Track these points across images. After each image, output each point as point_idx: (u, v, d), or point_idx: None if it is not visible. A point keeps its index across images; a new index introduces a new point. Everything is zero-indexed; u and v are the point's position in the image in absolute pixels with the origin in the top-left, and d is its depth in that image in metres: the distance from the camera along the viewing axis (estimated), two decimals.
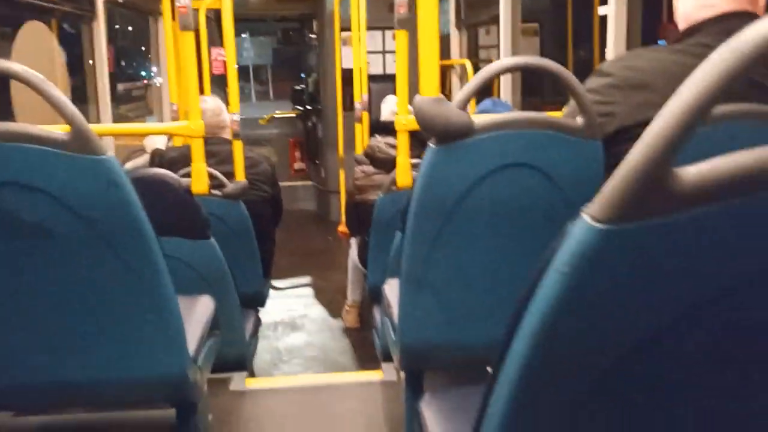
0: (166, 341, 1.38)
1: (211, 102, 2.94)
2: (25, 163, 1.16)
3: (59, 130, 1.20)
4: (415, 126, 2.12)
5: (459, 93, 1.27)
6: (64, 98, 1.17)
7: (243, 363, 2.54)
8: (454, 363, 1.76)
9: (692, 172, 0.51)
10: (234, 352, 2.45)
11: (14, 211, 1.19)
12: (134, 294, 1.30)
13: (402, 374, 2.04)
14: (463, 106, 1.25)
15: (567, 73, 1.29)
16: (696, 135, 0.49)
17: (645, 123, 1.43)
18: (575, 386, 0.64)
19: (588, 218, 0.53)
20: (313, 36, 6.47)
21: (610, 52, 2.33)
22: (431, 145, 1.29)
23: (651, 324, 0.60)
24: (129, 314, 1.32)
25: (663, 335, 0.61)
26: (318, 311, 3.86)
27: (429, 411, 1.14)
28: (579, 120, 1.31)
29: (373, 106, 4.50)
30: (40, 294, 1.28)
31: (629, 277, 0.56)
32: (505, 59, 1.29)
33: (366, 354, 3.12)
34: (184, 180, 2.13)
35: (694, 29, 1.42)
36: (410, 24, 2.07)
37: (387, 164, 3.01)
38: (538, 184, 1.31)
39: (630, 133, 1.40)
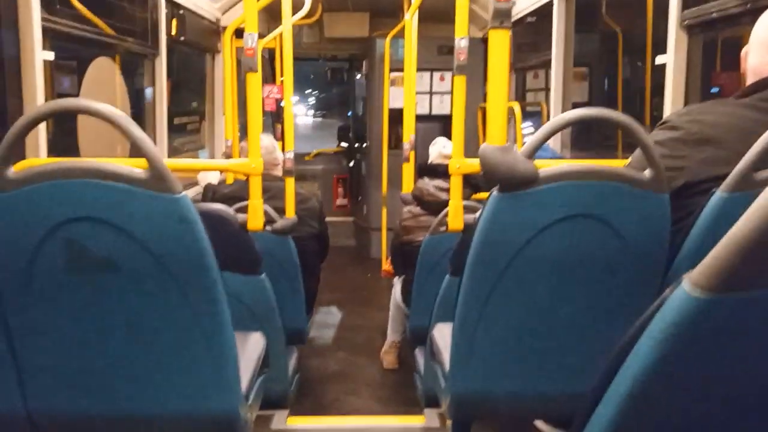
0: (222, 378, 1.39)
1: (266, 140, 3.02)
2: (103, 199, 1.21)
3: (134, 167, 1.24)
4: (468, 170, 2.13)
5: (527, 143, 1.27)
6: (145, 136, 1.21)
7: (284, 400, 2.54)
8: (505, 414, 1.72)
9: None
10: (276, 389, 2.44)
11: (86, 245, 1.23)
12: (195, 330, 1.32)
13: (447, 422, 2.00)
14: (530, 155, 1.25)
15: (636, 126, 1.28)
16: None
17: (714, 179, 1.40)
18: None
19: (689, 286, 0.52)
20: (359, 76, 6.61)
21: (668, 102, 2.31)
22: (495, 192, 1.29)
23: (742, 392, 0.58)
24: (188, 349, 1.34)
25: (750, 402, 0.59)
26: (356, 349, 3.84)
27: None
28: (646, 173, 1.29)
29: (419, 146, 4.54)
30: (101, 325, 1.31)
31: (724, 348, 0.55)
32: (577, 110, 1.28)
33: (406, 397, 3.07)
34: (240, 215, 2.17)
35: (764, 84, 1.40)
36: (468, 70, 2.10)
37: (435, 207, 3.02)
38: (602, 235, 1.30)
39: (698, 188, 1.38)
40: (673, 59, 2.33)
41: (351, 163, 6.75)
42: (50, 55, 2.50)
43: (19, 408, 1.36)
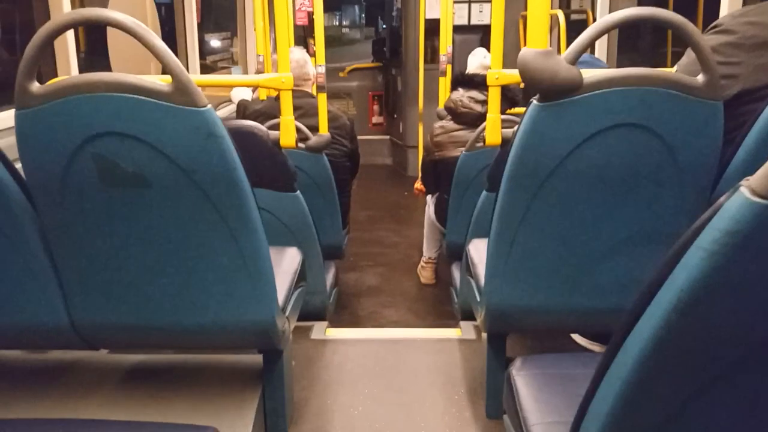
0: (258, 290, 1.41)
1: (297, 53, 2.93)
2: (128, 113, 1.19)
3: (160, 81, 1.22)
4: (508, 81, 2.03)
5: (570, 47, 1.19)
6: (168, 50, 1.18)
7: (323, 313, 2.60)
8: (540, 327, 1.72)
9: None
10: (315, 302, 2.50)
11: (116, 160, 1.23)
12: (228, 244, 1.33)
13: (483, 334, 2.02)
14: (574, 60, 1.17)
15: (690, 26, 1.18)
16: None
17: None
18: (701, 369, 0.59)
19: (747, 192, 0.47)
20: None
21: (725, 3, 2.13)
22: (534, 101, 1.22)
23: None
24: (223, 263, 1.36)
25: None
26: (393, 265, 3.89)
27: (520, 377, 1.12)
28: (699, 78, 1.20)
29: (456, 59, 4.37)
30: (137, 240, 1.33)
31: None
32: (625, 10, 1.18)
33: (442, 310, 3.12)
34: (272, 132, 2.14)
35: None
36: None
37: (469, 120, 2.93)
38: (648, 146, 1.23)
39: (754, 96, 1.28)
40: None
41: (387, 79, 6.59)
42: None
43: (64, 319, 1.41)
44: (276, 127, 2.30)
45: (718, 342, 0.57)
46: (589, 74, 1.21)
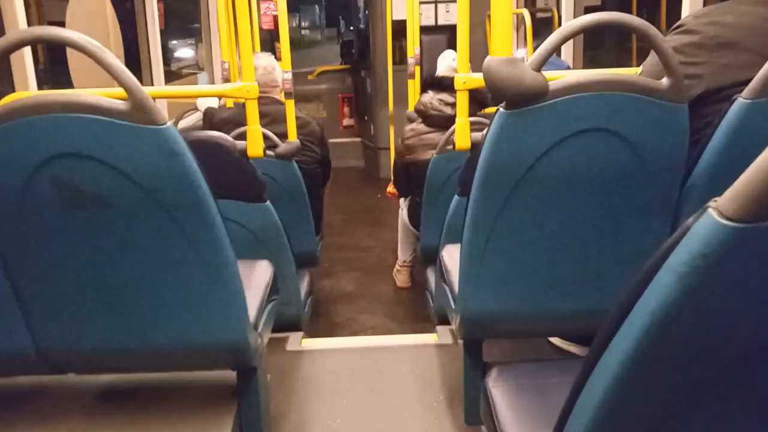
0: (228, 309, 1.38)
1: (264, 59, 2.89)
2: (85, 134, 1.15)
3: (118, 97, 1.18)
4: (475, 85, 2.03)
5: (535, 53, 1.18)
6: (122, 67, 1.14)
7: (298, 323, 2.57)
8: (516, 333, 1.72)
9: None
10: (290, 313, 2.47)
11: (75, 182, 1.19)
12: (195, 263, 1.30)
13: (459, 339, 2.01)
14: (538, 67, 1.16)
15: (653, 30, 1.18)
16: None
17: (735, 85, 1.31)
18: (675, 390, 0.59)
19: (716, 214, 0.46)
20: None
21: (687, 3, 2.16)
22: (502, 108, 1.21)
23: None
24: (190, 282, 1.32)
25: None
26: (368, 269, 3.87)
27: (497, 388, 1.11)
28: (664, 81, 1.21)
29: (424, 60, 4.36)
30: (102, 262, 1.29)
31: (755, 282, 0.50)
32: (589, 15, 1.18)
33: (419, 313, 3.11)
34: (239, 142, 2.10)
35: None
36: None
37: (440, 122, 2.92)
38: (616, 150, 1.23)
39: (717, 96, 1.29)
40: None
41: (356, 81, 6.56)
42: None
43: (28, 344, 1.36)
44: (243, 135, 2.26)
45: (692, 362, 0.56)
46: (555, 78, 1.20)
